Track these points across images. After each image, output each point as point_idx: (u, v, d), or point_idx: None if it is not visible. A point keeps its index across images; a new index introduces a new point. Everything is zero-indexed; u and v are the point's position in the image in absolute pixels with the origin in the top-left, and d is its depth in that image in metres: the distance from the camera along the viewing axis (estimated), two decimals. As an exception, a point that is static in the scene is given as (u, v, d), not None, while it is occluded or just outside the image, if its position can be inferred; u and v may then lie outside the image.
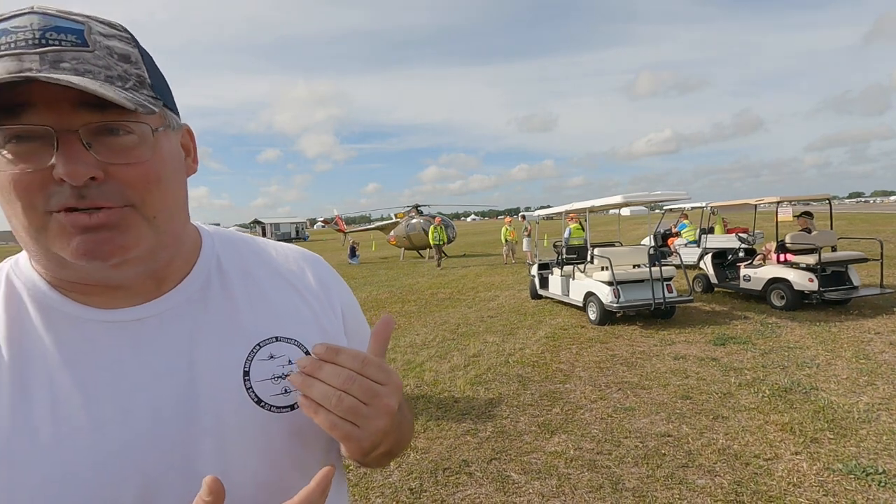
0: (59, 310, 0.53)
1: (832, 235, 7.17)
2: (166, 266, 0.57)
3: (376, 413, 0.51)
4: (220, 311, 0.59)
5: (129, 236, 0.50)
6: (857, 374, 4.40)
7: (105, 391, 0.51)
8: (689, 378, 4.56)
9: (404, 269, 15.86)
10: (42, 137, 0.45)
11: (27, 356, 0.51)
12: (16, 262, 0.57)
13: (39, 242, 0.49)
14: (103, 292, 0.54)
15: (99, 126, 0.47)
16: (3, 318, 0.52)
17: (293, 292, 0.66)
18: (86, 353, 0.52)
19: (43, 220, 0.47)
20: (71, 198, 0.46)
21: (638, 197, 7.47)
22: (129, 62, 0.50)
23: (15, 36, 0.45)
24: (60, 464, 0.48)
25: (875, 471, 2.86)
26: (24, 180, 0.46)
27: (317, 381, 0.50)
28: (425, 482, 3.02)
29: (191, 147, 0.61)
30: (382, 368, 0.53)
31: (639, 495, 2.76)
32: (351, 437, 0.50)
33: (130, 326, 0.54)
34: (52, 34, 0.46)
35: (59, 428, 0.48)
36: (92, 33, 0.48)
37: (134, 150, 0.49)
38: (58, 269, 0.52)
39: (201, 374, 0.55)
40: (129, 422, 0.51)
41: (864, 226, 24.43)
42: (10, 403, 0.48)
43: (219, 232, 0.68)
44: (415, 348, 6.11)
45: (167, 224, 0.54)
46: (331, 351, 0.51)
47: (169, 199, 0.53)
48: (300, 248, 0.74)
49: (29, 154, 0.46)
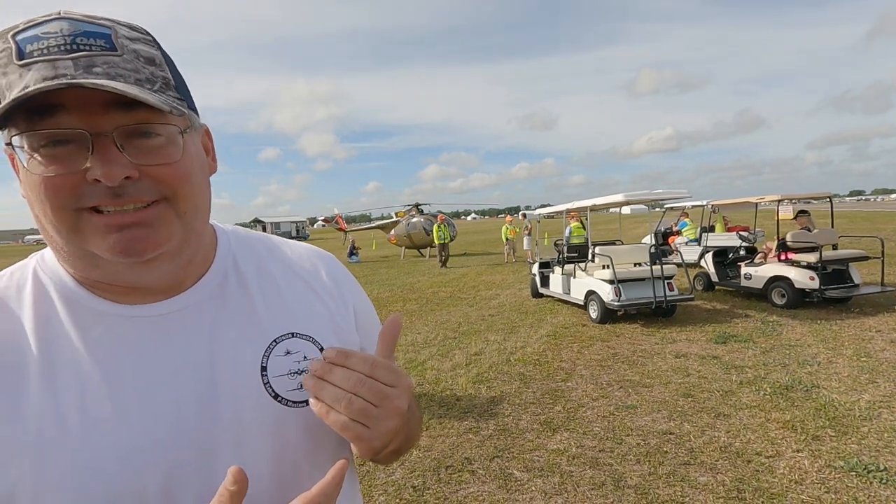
0: (86, 305, 0.54)
1: (833, 233, 7.17)
2: (187, 264, 0.59)
3: (386, 414, 0.53)
4: (238, 308, 0.61)
5: (161, 232, 0.51)
6: (858, 372, 4.41)
7: (130, 384, 0.52)
8: (691, 376, 4.57)
9: (405, 267, 15.86)
10: (76, 141, 0.46)
11: (54, 349, 0.52)
12: (42, 257, 0.59)
13: (73, 242, 0.50)
14: (127, 290, 0.56)
15: (131, 129, 0.48)
16: (31, 312, 0.53)
17: (308, 290, 0.67)
18: (111, 347, 0.53)
19: (75, 219, 0.48)
20: (105, 196, 0.47)
21: (639, 195, 7.46)
22: (154, 65, 0.51)
23: (46, 42, 0.46)
24: (86, 453, 0.49)
25: (876, 468, 2.87)
26: (58, 182, 0.47)
27: (328, 384, 0.52)
28: (428, 480, 3.03)
29: (210, 146, 0.62)
30: (391, 370, 0.54)
31: (641, 493, 2.77)
32: (362, 438, 0.52)
33: (153, 322, 0.56)
34: (83, 39, 0.47)
35: (85, 419, 0.50)
36: (119, 37, 0.49)
37: (164, 150, 0.51)
38: (89, 269, 0.53)
39: (221, 369, 0.56)
40: (152, 414, 0.52)
41: (864, 224, 24.42)
42: (39, 394, 0.50)
43: (235, 230, 0.70)
44: (416, 347, 6.12)
45: (194, 221, 0.55)
46: (341, 355, 0.53)
47: (197, 197, 0.55)
48: (314, 247, 0.75)
49: (63, 157, 0.47)
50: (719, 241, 9.70)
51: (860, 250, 7.36)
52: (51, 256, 0.58)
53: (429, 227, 18.16)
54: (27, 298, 0.55)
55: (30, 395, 0.49)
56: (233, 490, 0.45)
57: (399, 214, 21.94)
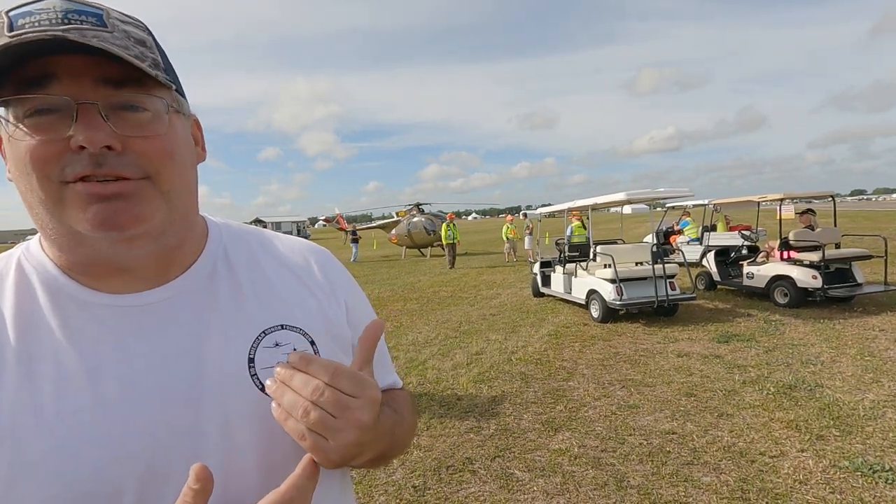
0: (68, 293, 0.54)
1: (836, 232, 7.14)
2: (175, 249, 0.58)
3: (345, 426, 0.50)
4: (227, 299, 0.60)
5: (144, 207, 0.51)
6: (861, 372, 4.38)
7: (111, 373, 0.52)
8: (693, 375, 4.54)
9: (406, 267, 15.86)
10: (61, 110, 0.47)
11: (34, 337, 0.52)
12: (27, 247, 0.59)
13: (55, 216, 0.50)
14: (112, 276, 0.55)
15: (117, 102, 0.49)
16: (12, 300, 0.54)
17: (299, 283, 0.67)
18: (93, 336, 0.53)
19: (59, 191, 0.49)
20: (88, 166, 0.48)
21: (641, 194, 7.43)
22: (144, 46, 0.52)
23: (38, 16, 0.47)
24: (62, 440, 0.49)
25: (882, 468, 2.84)
26: (41, 150, 0.47)
27: (288, 390, 0.50)
28: (429, 480, 3.01)
29: (199, 137, 0.63)
30: (356, 380, 0.51)
31: (644, 493, 2.75)
32: (318, 449, 0.50)
33: (137, 311, 0.55)
34: (74, 15, 0.48)
35: (62, 406, 0.50)
36: (110, 17, 0.51)
37: (149, 124, 0.51)
38: (73, 247, 0.53)
39: (207, 359, 0.56)
40: (133, 403, 0.52)
41: (866, 223, 24.38)
42: (17, 381, 0.50)
43: (227, 223, 0.70)
44: (417, 346, 6.10)
45: (179, 201, 0.55)
46: (303, 360, 0.51)
47: (182, 177, 0.55)
48: (307, 242, 0.74)
49: (47, 125, 0.48)
50: (721, 240, 9.68)
51: (863, 249, 7.33)
52: (36, 246, 0.58)
53: (429, 227, 18.12)
54: (9, 287, 0.55)
55: (7, 383, 0.50)
56: (196, 489, 0.44)
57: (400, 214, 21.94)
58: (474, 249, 21.57)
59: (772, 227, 10.30)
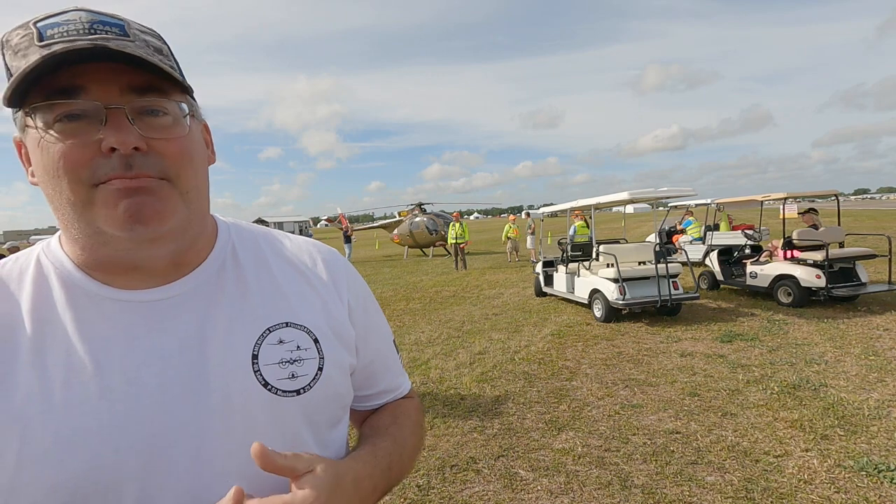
0: (82, 288, 0.57)
1: (840, 231, 7.12)
2: (188, 249, 0.60)
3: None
4: (233, 296, 0.62)
5: (166, 204, 0.54)
6: (866, 371, 4.37)
7: (117, 365, 0.54)
8: (697, 375, 4.53)
9: (408, 267, 15.86)
10: (89, 115, 0.50)
11: (48, 330, 0.54)
12: (47, 244, 0.61)
13: (83, 218, 0.53)
14: (127, 273, 0.57)
15: (141, 107, 0.53)
16: (29, 293, 0.56)
17: (304, 282, 0.68)
18: (102, 329, 0.55)
19: (88, 193, 0.51)
20: (119, 168, 0.51)
21: (644, 194, 7.42)
22: (162, 54, 0.56)
23: (66, 27, 0.50)
24: (68, 426, 0.51)
25: (887, 468, 2.83)
26: (74, 154, 0.50)
27: None
28: (433, 479, 3.01)
29: (209, 140, 0.66)
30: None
31: (648, 492, 2.75)
32: None
33: (147, 306, 0.57)
34: (99, 26, 0.52)
35: (69, 396, 0.52)
36: (131, 28, 0.54)
37: (170, 128, 0.55)
38: (96, 247, 0.55)
39: (211, 355, 0.57)
40: (135, 394, 0.54)
41: (870, 223, 24.28)
42: (29, 369, 0.52)
43: (236, 223, 0.72)
44: (420, 346, 6.10)
45: (196, 202, 0.59)
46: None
47: (198, 178, 0.59)
48: (315, 241, 0.75)
49: (77, 130, 0.50)
50: (724, 239, 9.66)
51: (867, 248, 7.31)
52: (56, 244, 0.60)
53: (431, 227, 18.10)
54: (27, 281, 0.57)
55: (19, 372, 0.52)
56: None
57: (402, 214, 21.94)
58: (476, 249, 21.57)
59: (775, 227, 10.27)
